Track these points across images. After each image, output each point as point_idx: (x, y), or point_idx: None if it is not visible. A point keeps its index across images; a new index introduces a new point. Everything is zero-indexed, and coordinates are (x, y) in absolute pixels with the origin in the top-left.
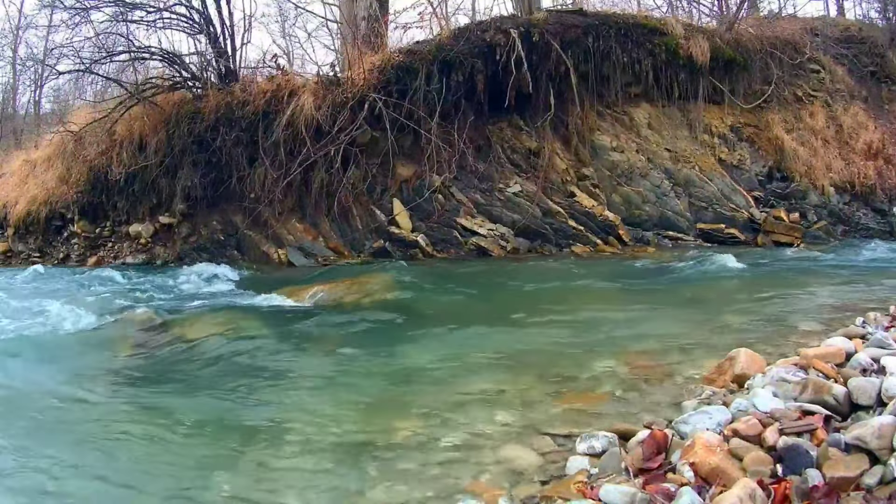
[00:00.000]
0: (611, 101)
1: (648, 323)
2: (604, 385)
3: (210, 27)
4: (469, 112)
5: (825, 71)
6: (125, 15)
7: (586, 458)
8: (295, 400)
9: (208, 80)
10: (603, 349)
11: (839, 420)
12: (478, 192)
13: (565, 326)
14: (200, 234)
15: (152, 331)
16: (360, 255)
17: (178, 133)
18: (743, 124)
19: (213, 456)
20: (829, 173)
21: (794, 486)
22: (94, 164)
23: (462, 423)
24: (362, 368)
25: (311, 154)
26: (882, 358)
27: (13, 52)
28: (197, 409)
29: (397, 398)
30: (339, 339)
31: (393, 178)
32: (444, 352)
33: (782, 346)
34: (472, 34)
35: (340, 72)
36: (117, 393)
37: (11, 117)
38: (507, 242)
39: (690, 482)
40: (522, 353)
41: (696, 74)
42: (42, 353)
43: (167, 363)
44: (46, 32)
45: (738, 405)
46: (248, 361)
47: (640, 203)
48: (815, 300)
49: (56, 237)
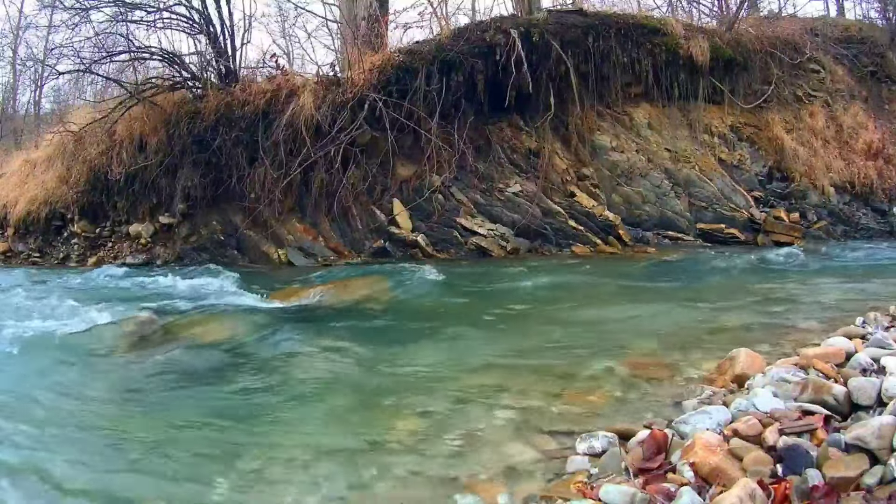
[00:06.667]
0: (611, 101)
1: (648, 323)
2: (604, 385)
3: (210, 27)
4: (469, 112)
5: (825, 71)
6: (125, 15)
7: (586, 458)
8: (295, 400)
9: (208, 80)
10: (603, 349)
11: (839, 420)
12: (478, 192)
13: (565, 326)
14: (200, 234)
15: (152, 331)
16: (360, 255)
17: (178, 133)
18: (743, 124)
19: (213, 456)
20: (829, 173)
21: (794, 486)
22: (94, 164)
23: (462, 423)
24: (362, 368)
25: (311, 154)
26: (882, 358)
27: (13, 52)
28: (196, 409)
29: (397, 397)
30: (338, 339)
31: (393, 178)
32: (444, 351)
33: (782, 346)
34: (472, 34)
35: (340, 72)
36: (117, 393)
37: (11, 117)
38: (507, 242)
39: (690, 482)
40: (522, 353)
41: (696, 74)
42: (41, 353)
43: (166, 363)
44: (46, 32)
45: (738, 405)
46: (248, 362)
47: (640, 203)
48: (815, 300)
49: (56, 237)
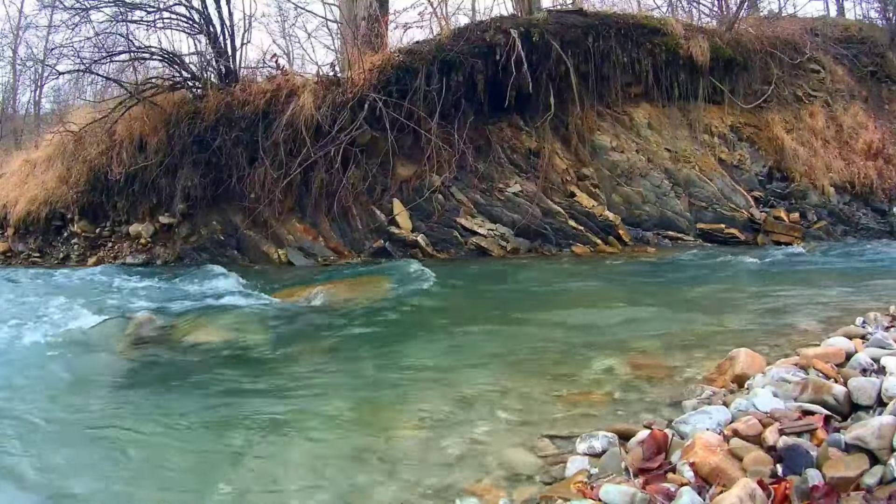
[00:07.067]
0: (611, 101)
1: (648, 323)
2: (604, 385)
3: (210, 27)
4: (469, 112)
5: (825, 71)
6: (125, 15)
7: (586, 458)
8: (295, 400)
9: (208, 80)
10: (603, 349)
11: (839, 420)
12: (478, 192)
13: (565, 326)
14: (200, 234)
15: (152, 331)
16: (360, 255)
17: (178, 133)
18: (743, 124)
19: (213, 456)
20: (829, 173)
21: (794, 486)
22: (94, 164)
23: (462, 423)
24: (362, 369)
25: (311, 154)
26: (882, 358)
27: (13, 52)
28: (196, 409)
29: (397, 398)
30: (339, 340)
31: (393, 178)
32: (444, 352)
33: (782, 346)
34: (472, 34)
35: (340, 72)
36: (117, 394)
37: (11, 117)
38: (507, 242)
39: (690, 482)
40: (523, 353)
41: (696, 74)
42: (41, 353)
43: (166, 364)
44: (46, 32)
45: (738, 405)
46: (248, 362)
47: (640, 203)
48: (815, 300)
49: (56, 237)
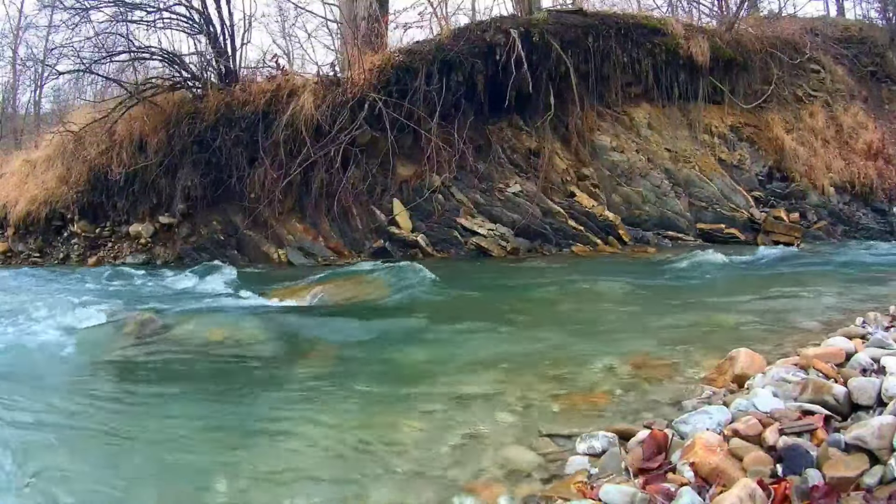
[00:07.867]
0: (611, 101)
1: (648, 323)
2: (604, 385)
3: (210, 27)
4: (469, 112)
5: (825, 71)
6: (125, 15)
7: (586, 458)
8: (294, 400)
9: (208, 80)
10: (603, 349)
11: (839, 420)
12: (478, 192)
13: (565, 326)
14: (200, 234)
15: (152, 331)
16: (360, 255)
17: (178, 133)
18: (743, 124)
19: (212, 456)
20: (829, 173)
21: (794, 486)
22: (94, 164)
23: (462, 423)
24: (362, 368)
25: (311, 154)
26: (882, 358)
27: (13, 52)
28: (196, 409)
29: (397, 398)
30: (338, 340)
31: (393, 178)
32: (444, 351)
33: (782, 346)
34: (472, 34)
35: (340, 72)
36: (116, 394)
37: (11, 117)
38: (507, 242)
39: (690, 482)
40: (522, 353)
41: (696, 74)
42: (41, 353)
43: (166, 364)
44: (46, 32)
45: (739, 405)
46: (248, 362)
47: (640, 203)
48: (815, 300)
49: (56, 237)
